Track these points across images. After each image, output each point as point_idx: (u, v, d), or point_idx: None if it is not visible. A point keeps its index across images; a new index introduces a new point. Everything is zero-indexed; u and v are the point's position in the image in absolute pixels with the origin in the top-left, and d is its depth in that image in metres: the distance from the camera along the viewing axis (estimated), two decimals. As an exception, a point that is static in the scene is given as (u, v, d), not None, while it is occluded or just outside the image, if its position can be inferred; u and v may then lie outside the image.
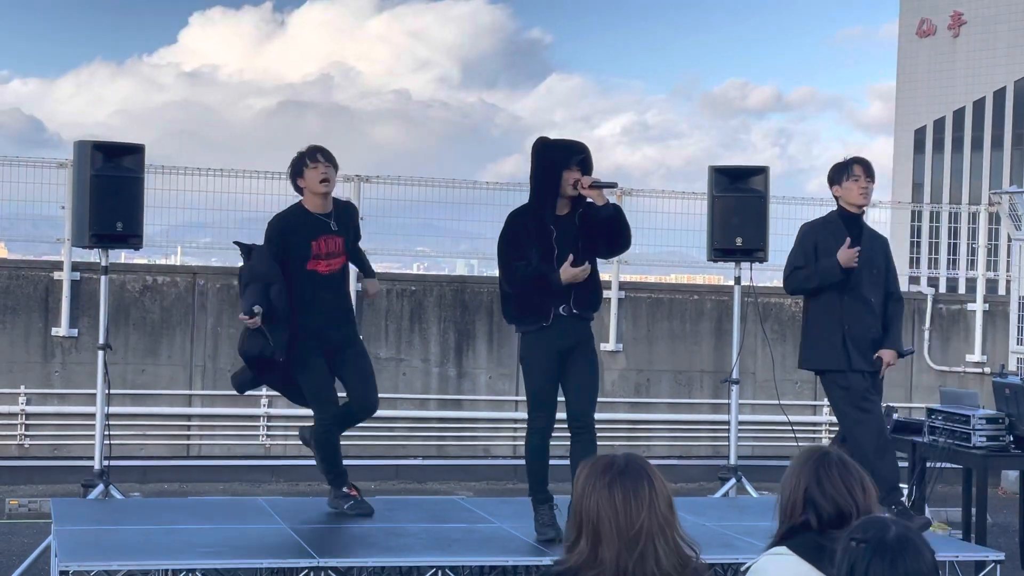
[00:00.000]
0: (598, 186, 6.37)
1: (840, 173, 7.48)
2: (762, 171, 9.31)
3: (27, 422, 11.17)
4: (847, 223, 7.45)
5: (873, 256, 7.46)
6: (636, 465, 3.20)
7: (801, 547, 3.49)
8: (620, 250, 6.73)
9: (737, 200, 9.05)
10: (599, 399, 12.78)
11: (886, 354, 7.42)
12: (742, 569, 3.48)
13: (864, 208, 7.54)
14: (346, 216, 7.08)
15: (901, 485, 9.11)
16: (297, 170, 6.98)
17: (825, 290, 7.39)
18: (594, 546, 3.10)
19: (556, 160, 6.42)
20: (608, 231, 6.43)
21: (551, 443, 6.66)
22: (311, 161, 6.92)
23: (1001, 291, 14.24)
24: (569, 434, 6.59)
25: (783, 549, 3.51)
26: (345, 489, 7.10)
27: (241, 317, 6.77)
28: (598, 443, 6.52)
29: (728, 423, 9.67)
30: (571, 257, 6.36)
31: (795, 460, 3.62)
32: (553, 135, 6.69)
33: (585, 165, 6.44)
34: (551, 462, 6.68)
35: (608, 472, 3.16)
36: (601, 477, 3.16)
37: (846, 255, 7.26)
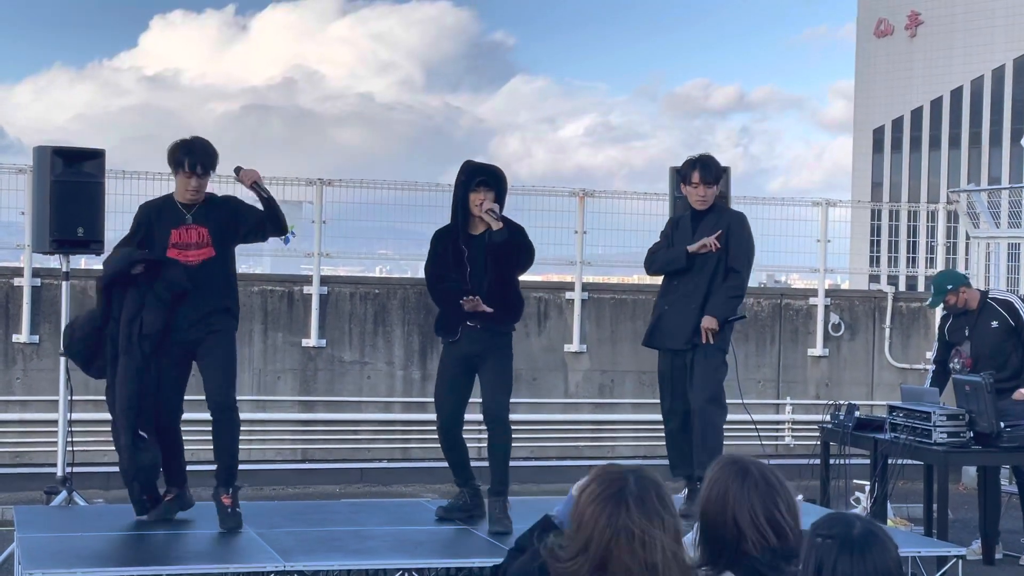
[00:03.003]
0: (494, 216, 6.87)
1: (685, 175, 7.69)
2: (723, 171, 9.33)
3: (-12, 429, 11.07)
4: (692, 216, 7.74)
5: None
6: (653, 491, 3.02)
7: (741, 573, 3.37)
8: (523, 268, 7.13)
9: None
10: (563, 400, 12.83)
11: (704, 321, 7.53)
12: None
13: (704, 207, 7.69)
14: (215, 208, 6.79)
15: (862, 482, 9.21)
16: (174, 164, 6.75)
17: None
18: (599, 569, 2.98)
19: (463, 182, 6.92)
20: (506, 254, 6.90)
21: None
22: (189, 170, 6.69)
23: (960, 289, 14.36)
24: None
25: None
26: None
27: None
28: (565, 444, 6.66)
29: (692, 422, 9.69)
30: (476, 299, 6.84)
31: (714, 477, 3.39)
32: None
33: (489, 187, 6.86)
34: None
35: (625, 497, 2.99)
36: (616, 502, 2.98)
37: (695, 246, 7.55)
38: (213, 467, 6.93)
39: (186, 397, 6.94)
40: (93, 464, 10.73)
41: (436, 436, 11.96)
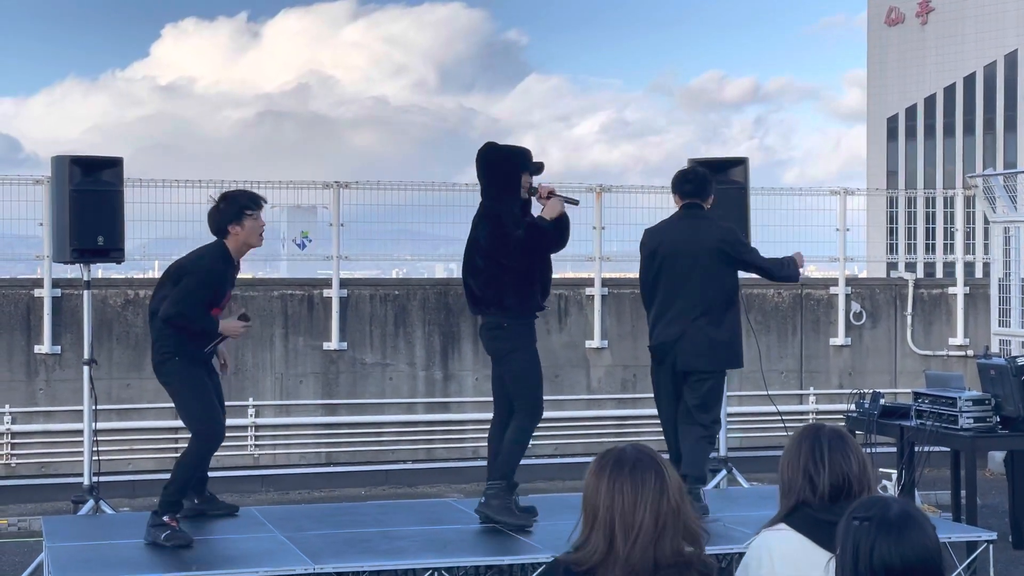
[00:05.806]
0: (565, 200, 6.81)
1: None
2: (741, 162, 9.33)
3: (13, 441, 11.12)
4: None
5: None
6: (646, 457, 3.17)
7: (800, 523, 3.51)
8: (559, 248, 7.05)
9: (717, 192, 9.04)
10: (586, 396, 12.81)
11: None
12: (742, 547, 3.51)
13: None
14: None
15: (889, 470, 9.17)
16: (236, 215, 6.68)
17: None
18: (610, 541, 3.04)
19: (517, 164, 6.75)
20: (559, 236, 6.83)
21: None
22: (256, 208, 6.72)
23: (979, 274, 14.32)
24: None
25: (781, 526, 3.53)
26: (166, 518, 6.56)
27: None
28: (589, 440, 6.64)
29: (716, 415, 9.66)
30: None
31: (791, 439, 3.65)
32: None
33: (539, 171, 6.83)
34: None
35: (621, 465, 3.13)
36: (615, 469, 3.12)
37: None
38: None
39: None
40: (119, 472, 10.77)
41: (459, 436, 12.10)
